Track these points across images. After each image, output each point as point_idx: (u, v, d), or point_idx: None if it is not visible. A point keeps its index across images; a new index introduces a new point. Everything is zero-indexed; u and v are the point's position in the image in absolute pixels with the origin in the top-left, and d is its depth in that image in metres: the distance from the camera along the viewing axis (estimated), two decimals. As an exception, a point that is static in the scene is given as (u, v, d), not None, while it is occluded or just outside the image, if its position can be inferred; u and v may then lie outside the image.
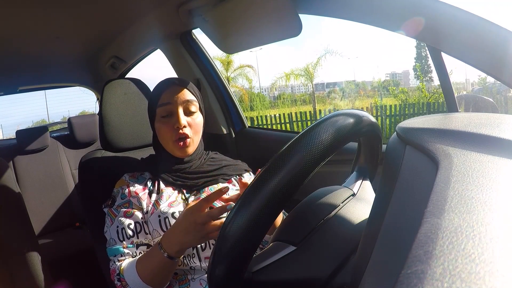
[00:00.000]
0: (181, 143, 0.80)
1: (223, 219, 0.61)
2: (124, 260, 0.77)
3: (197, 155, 0.87)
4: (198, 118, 0.84)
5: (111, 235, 0.79)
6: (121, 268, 0.75)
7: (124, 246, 0.77)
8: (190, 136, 0.81)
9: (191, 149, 0.83)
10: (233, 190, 0.87)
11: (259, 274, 0.39)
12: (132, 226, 0.78)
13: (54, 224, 1.94)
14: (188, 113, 0.82)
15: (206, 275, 0.78)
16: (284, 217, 0.75)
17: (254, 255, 0.39)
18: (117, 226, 0.79)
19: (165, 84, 0.83)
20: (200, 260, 0.78)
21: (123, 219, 0.79)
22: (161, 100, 0.81)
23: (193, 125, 0.82)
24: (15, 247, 0.93)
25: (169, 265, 0.69)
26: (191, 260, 0.77)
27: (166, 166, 0.84)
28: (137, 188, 0.82)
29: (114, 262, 0.77)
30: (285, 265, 0.39)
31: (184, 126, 0.80)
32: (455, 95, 0.81)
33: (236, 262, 0.34)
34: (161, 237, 0.72)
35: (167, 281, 0.75)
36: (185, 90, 0.82)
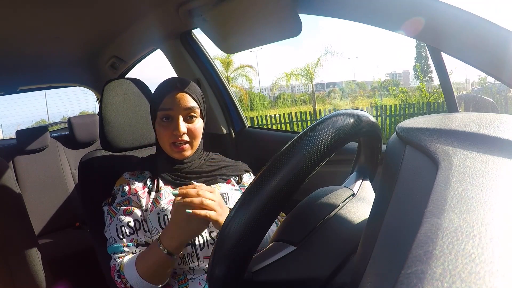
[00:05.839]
0: (179, 147, 0.81)
1: (208, 201, 0.65)
2: (124, 257, 0.77)
3: (197, 156, 0.87)
4: (198, 124, 0.84)
5: (111, 234, 0.79)
6: (121, 265, 0.75)
7: (124, 244, 0.78)
8: (188, 142, 0.81)
9: (188, 153, 0.83)
10: (232, 190, 0.87)
11: (259, 274, 0.39)
12: (131, 224, 0.79)
13: (54, 224, 1.94)
14: (189, 119, 0.82)
15: (205, 275, 0.78)
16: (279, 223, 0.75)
17: (254, 255, 0.39)
18: (116, 224, 0.79)
19: (168, 87, 0.82)
20: (199, 260, 0.78)
21: (122, 217, 0.79)
22: (163, 105, 0.81)
23: (192, 130, 0.82)
24: (15, 247, 0.93)
25: (168, 261, 0.70)
26: (190, 259, 0.77)
27: (165, 165, 0.85)
28: (137, 186, 0.82)
29: (115, 259, 0.78)
30: (285, 265, 0.39)
31: (184, 133, 0.80)
32: (455, 95, 0.81)
33: (236, 262, 0.34)
34: (160, 234, 0.72)
35: (166, 278, 0.75)
36: (188, 96, 0.81)
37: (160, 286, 0.74)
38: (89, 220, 0.94)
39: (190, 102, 0.81)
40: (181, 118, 0.80)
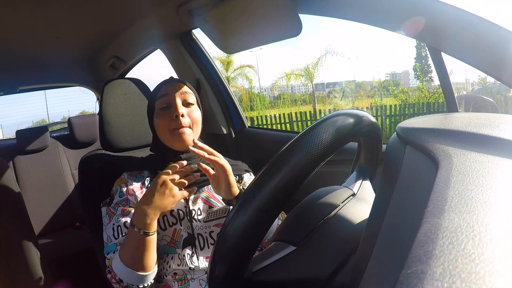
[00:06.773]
0: (179, 130, 0.80)
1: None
2: None
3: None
4: (196, 111, 0.85)
5: (107, 234, 0.79)
6: (110, 260, 0.74)
7: (118, 243, 0.76)
8: (188, 126, 0.81)
9: (190, 139, 0.81)
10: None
11: (259, 274, 0.39)
12: (128, 224, 0.78)
13: (54, 224, 1.94)
14: (186, 104, 0.84)
15: (205, 275, 0.78)
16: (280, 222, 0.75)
17: (254, 255, 0.39)
18: (114, 224, 0.78)
19: (164, 81, 0.88)
20: (199, 260, 0.77)
21: (120, 217, 0.79)
22: (160, 93, 0.84)
23: (191, 116, 0.83)
24: (15, 247, 0.93)
25: (146, 241, 0.69)
26: (190, 260, 0.77)
27: (165, 164, 0.84)
28: (135, 186, 0.82)
29: (108, 259, 0.76)
30: (285, 265, 0.39)
31: (182, 115, 0.80)
32: (455, 95, 0.81)
33: (236, 262, 0.34)
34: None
35: (149, 262, 0.71)
36: (183, 85, 0.86)
37: (147, 273, 0.71)
38: (89, 220, 0.94)
39: (185, 88, 0.86)
40: (178, 101, 0.82)
